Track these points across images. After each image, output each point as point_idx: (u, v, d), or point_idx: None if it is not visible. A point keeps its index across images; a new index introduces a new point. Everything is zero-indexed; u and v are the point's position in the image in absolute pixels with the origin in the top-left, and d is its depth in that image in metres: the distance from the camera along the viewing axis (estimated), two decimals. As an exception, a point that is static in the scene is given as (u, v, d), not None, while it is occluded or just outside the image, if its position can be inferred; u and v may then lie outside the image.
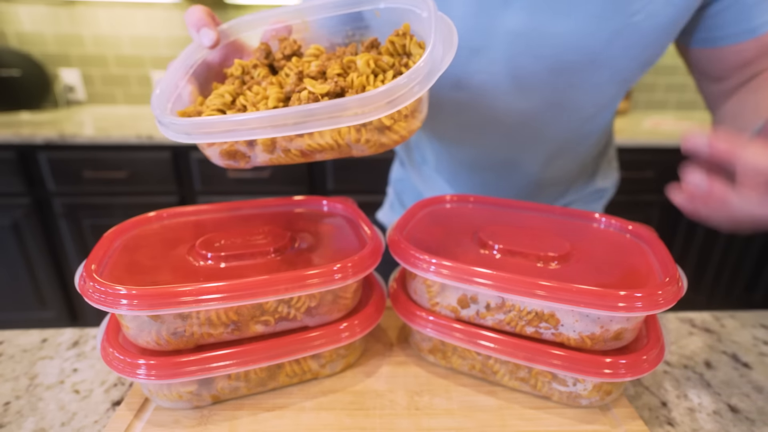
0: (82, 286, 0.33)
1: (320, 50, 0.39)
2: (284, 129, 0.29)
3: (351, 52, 0.38)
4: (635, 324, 0.35)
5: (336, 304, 0.38)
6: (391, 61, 0.35)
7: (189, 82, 0.39)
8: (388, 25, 0.38)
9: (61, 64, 1.82)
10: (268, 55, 0.40)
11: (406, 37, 0.36)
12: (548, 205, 0.49)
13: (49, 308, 1.61)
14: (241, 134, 0.30)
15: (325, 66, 0.36)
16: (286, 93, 0.34)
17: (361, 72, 0.34)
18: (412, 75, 0.29)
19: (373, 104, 0.29)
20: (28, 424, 0.37)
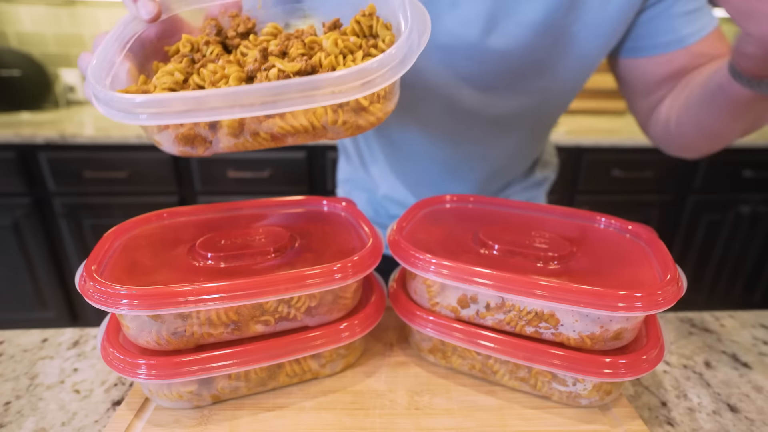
0: (83, 286, 0.33)
1: (278, 29, 0.37)
2: (255, 108, 0.27)
3: (310, 33, 0.36)
4: (635, 324, 0.35)
5: (336, 304, 0.38)
6: (358, 42, 0.34)
7: (126, 58, 0.34)
8: (348, 6, 0.37)
9: (62, 64, 1.82)
10: (220, 32, 0.37)
11: (372, 17, 0.35)
12: (548, 205, 0.49)
13: (50, 308, 1.61)
14: (205, 114, 0.27)
15: (285, 46, 0.34)
16: (247, 72, 0.32)
17: (330, 52, 0.33)
18: (388, 57, 0.28)
19: (349, 83, 0.27)
20: (29, 424, 0.37)
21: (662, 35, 0.48)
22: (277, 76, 0.30)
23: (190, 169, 1.46)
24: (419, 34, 0.30)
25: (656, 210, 1.64)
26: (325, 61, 0.32)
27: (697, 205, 1.63)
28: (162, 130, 0.31)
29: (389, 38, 0.34)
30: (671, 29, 0.48)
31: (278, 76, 0.30)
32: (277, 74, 0.30)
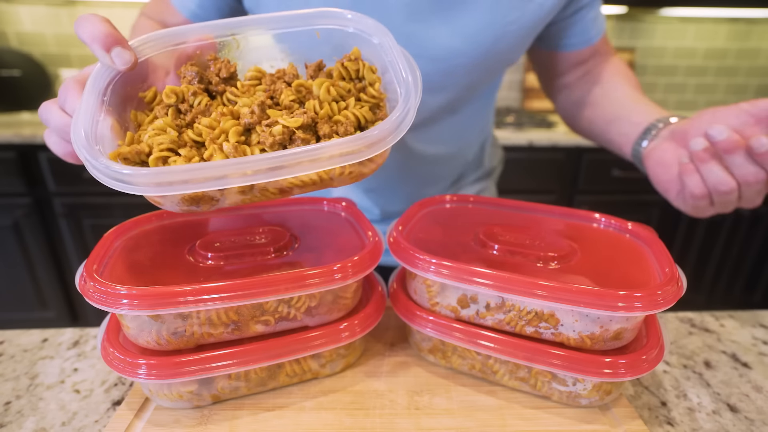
0: (83, 286, 0.33)
1: (261, 72, 0.37)
2: (265, 174, 0.28)
3: (292, 73, 0.37)
4: (635, 324, 0.35)
5: (336, 304, 0.38)
6: (347, 87, 0.35)
7: (107, 113, 0.32)
8: (328, 46, 0.37)
9: (62, 64, 1.82)
10: (202, 78, 0.36)
11: (358, 62, 0.36)
12: (548, 205, 0.49)
13: (50, 308, 1.61)
14: (215, 183, 0.27)
15: (273, 90, 0.35)
16: (245, 125, 0.32)
17: (323, 99, 0.34)
18: (393, 122, 0.29)
19: (355, 148, 0.29)
20: (29, 424, 0.37)
21: (577, 36, 0.62)
22: (282, 132, 0.31)
23: (190, 169, 1.46)
24: (415, 90, 0.31)
25: (656, 210, 1.64)
26: (321, 111, 0.33)
27: (697, 205, 1.63)
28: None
29: (377, 83, 0.36)
30: (583, 31, 0.62)
31: (283, 132, 0.31)
32: (281, 131, 0.31)
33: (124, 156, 0.30)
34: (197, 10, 0.58)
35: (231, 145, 0.30)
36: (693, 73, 2.05)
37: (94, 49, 0.31)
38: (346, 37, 0.37)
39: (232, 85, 0.37)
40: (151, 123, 0.34)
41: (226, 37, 0.37)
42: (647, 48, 1.99)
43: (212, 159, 0.30)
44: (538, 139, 1.49)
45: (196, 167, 0.27)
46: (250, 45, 0.38)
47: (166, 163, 0.30)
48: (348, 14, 0.36)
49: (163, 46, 0.36)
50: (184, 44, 0.36)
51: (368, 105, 0.35)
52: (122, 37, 0.32)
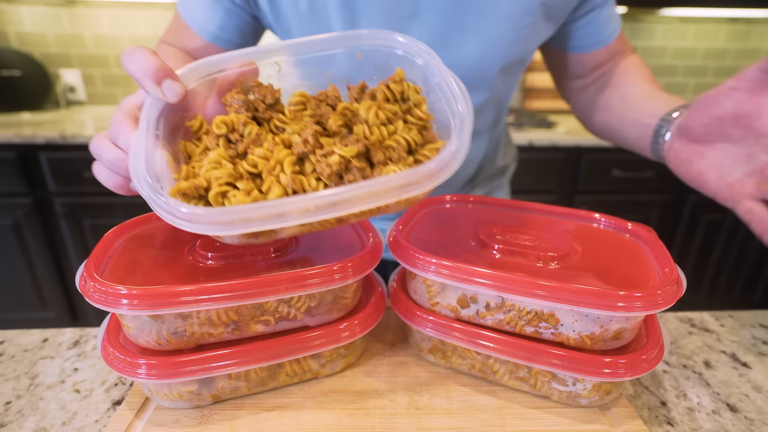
0: (83, 286, 0.33)
1: (306, 97, 0.36)
2: (328, 210, 0.28)
3: (334, 95, 0.37)
4: (634, 324, 0.35)
5: (336, 304, 0.38)
6: (393, 109, 0.35)
7: (161, 147, 0.32)
8: (368, 67, 0.38)
9: (62, 64, 1.82)
10: (249, 106, 0.36)
11: (402, 84, 0.36)
12: (548, 205, 0.49)
13: (50, 308, 1.61)
14: (279, 221, 0.27)
15: (319, 115, 0.35)
16: (298, 154, 0.32)
17: (372, 123, 0.33)
18: (451, 154, 0.29)
19: (414, 180, 0.29)
20: (29, 424, 0.37)
21: (593, 36, 0.61)
22: (339, 163, 0.31)
23: (190, 169, 1.46)
24: (470, 116, 0.32)
25: (656, 210, 1.64)
26: (372, 137, 0.33)
27: (697, 205, 1.63)
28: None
29: (423, 104, 0.35)
30: (599, 31, 0.61)
31: (340, 163, 0.31)
32: (338, 161, 0.31)
33: (183, 192, 0.30)
34: (218, 32, 0.57)
35: (288, 177, 0.30)
36: (693, 73, 2.05)
37: (145, 83, 0.32)
38: (387, 57, 0.37)
39: (277, 110, 0.36)
40: (202, 154, 0.34)
41: (267, 61, 0.37)
42: (647, 48, 1.99)
43: (270, 191, 0.30)
44: (538, 139, 1.49)
45: (258, 206, 0.27)
46: (291, 69, 0.39)
47: (225, 197, 0.30)
48: (394, 35, 0.36)
49: (206, 74, 0.36)
50: (226, 71, 0.36)
51: (416, 127, 0.35)
52: (171, 69, 0.32)
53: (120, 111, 0.33)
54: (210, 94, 0.37)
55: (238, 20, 0.57)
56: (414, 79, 0.36)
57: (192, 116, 0.36)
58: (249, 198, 0.30)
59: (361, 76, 0.38)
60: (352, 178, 0.31)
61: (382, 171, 0.32)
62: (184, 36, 0.59)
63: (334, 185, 0.31)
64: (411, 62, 0.36)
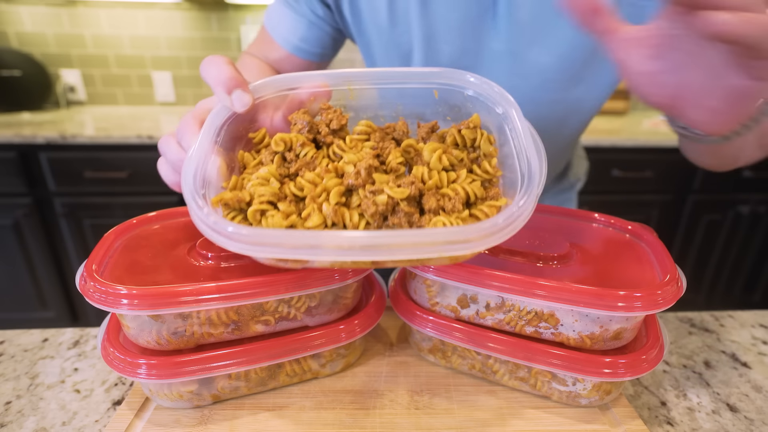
0: (83, 285, 0.33)
1: (372, 127, 0.35)
2: (362, 252, 0.26)
3: (402, 130, 0.35)
4: (634, 324, 0.35)
5: (336, 304, 0.38)
6: (460, 156, 0.33)
7: (217, 153, 0.32)
8: (444, 106, 0.36)
9: (62, 64, 1.82)
10: (311, 128, 0.35)
11: (476, 131, 0.34)
12: (548, 205, 0.49)
13: (50, 308, 1.61)
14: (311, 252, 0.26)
15: (380, 148, 0.33)
16: (347, 186, 0.31)
17: (432, 167, 0.32)
18: (512, 216, 0.27)
19: (464, 238, 0.26)
20: (29, 424, 0.37)
21: None
22: (386, 203, 0.29)
23: (191, 169, 1.46)
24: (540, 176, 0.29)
25: (656, 210, 1.64)
26: (429, 182, 0.31)
27: (697, 205, 1.63)
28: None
29: (494, 158, 0.33)
30: None
31: (387, 203, 0.29)
32: (386, 201, 0.29)
33: (226, 201, 0.30)
34: (300, 44, 0.58)
35: (331, 207, 0.29)
36: (693, 73, 2.05)
37: (217, 91, 0.33)
38: (466, 100, 0.35)
39: (341, 136, 0.35)
40: (256, 167, 0.34)
41: (341, 86, 0.37)
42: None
43: (309, 219, 0.29)
44: (538, 139, 1.49)
45: (291, 234, 0.26)
46: (364, 96, 0.37)
47: (264, 215, 0.30)
48: (472, 77, 0.34)
49: (279, 90, 0.36)
50: (299, 89, 0.36)
51: (480, 180, 0.33)
52: (244, 80, 0.33)
53: (190, 113, 0.34)
54: (280, 109, 0.37)
55: (321, 32, 0.58)
56: (490, 128, 0.34)
57: (257, 128, 0.36)
58: (286, 222, 0.29)
59: (435, 115, 0.37)
60: (396, 222, 0.30)
61: (431, 220, 0.29)
62: (268, 47, 0.60)
63: (376, 225, 0.30)
64: (489, 109, 0.34)
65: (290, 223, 0.29)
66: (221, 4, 1.77)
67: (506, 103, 0.33)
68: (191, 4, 1.77)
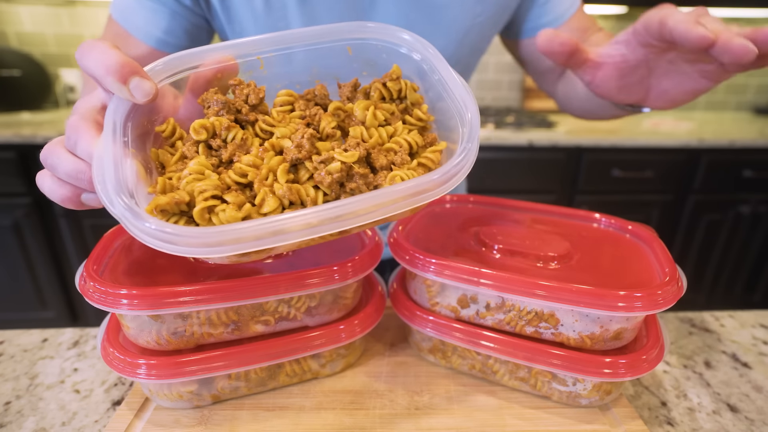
0: (83, 286, 0.33)
1: (293, 96, 0.34)
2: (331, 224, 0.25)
3: (323, 94, 0.34)
4: (635, 324, 0.35)
5: (336, 304, 0.38)
6: (390, 109, 0.33)
7: (130, 156, 0.28)
8: (359, 62, 0.35)
9: (62, 64, 1.82)
10: (230, 108, 0.32)
11: (399, 81, 0.33)
12: (548, 205, 0.49)
13: (50, 308, 1.61)
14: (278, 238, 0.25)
15: (309, 116, 0.32)
16: (291, 161, 0.29)
17: (369, 125, 0.31)
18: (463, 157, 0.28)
19: (423, 189, 0.27)
20: (29, 424, 0.37)
21: (546, 15, 0.59)
22: (340, 170, 0.28)
23: (190, 169, 1.46)
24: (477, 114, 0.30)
25: (656, 210, 1.64)
26: (371, 140, 0.30)
27: (697, 205, 1.63)
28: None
29: (424, 105, 0.33)
30: (549, 10, 0.59)
31: (341, 170, 0.28)
32: (340, 168, 0.28)
33: (162, 208, 0.26)
34: (165, 37, 0.52)
35: (285, 187, 0.28)
36: (693, 73, 2.05)
37: (107, 82, 0.27)
38: (379, 51, 0.34)
39: (262, 111, 0.33)
40: (178, 163, 0.30)
41: (250, 57, 0.33)
42: (647, 48, 1.98)
43: (265, 203, 0.27)
44: (538, 139, 1.49)
45: (253, 224, 0.24)
46: (275, 64, 0.34)
47: (212, 212, 0.27)
48: (383, 27, 0.34)
49: (178, 70, 0.32)
50: (201, 67, 0.32)
51: (416, 128, 0.33)
52: (138, 65, 0.28)
53: (76, 115, 0.28)
54: (180, 94, 0.33)
55: (186, 23, 0.53)
56: (410, 76, 0.34)
57: (162, 120, 0.32)
58: (241, 212, 0.26)
59: (351, 72, 0.35)
60: (354, 186, 0.29)
61: (387, 177, 0.29)
62: (122, 44, 0.52)
63: (334, 194, 0.29)
64: (407, 57, 0.34)
65: (246, 213, 0.27)
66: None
67: (422, 48, 0.33)
68: (191, 4, 1.77)
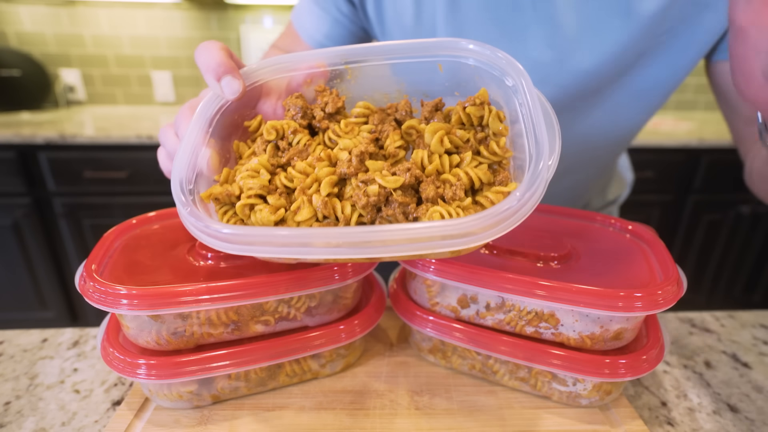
0: (83, 286, 0.33)
1: (370, 109, 0.33)
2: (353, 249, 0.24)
3: (405, 110, 0.33)
4: (635, 324, 0.35)
5: (336, 304, 0.38)
6: (465, 136, 0.30)
7: (208, 144, 0.31)
8: (452, 81, 0.33)
9: (62, 64, 1.82)
10: (306, 113, 0.33)
11: (484, 107, 0.30)
12: (548, 205, 0.49)
13: (50, 308, 1.61)
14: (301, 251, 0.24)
15: (379, 131, 0.31)
16: (340, 174, 0.28)
17: (433, 150, 0.29)
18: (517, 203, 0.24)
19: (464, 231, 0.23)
20: (29, 424, 0.37)
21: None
22: (378, 193, 0.27)
23: (190, 169, 1.46)
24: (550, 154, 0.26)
25: (656, 210, 1.64)
26: (429, 167, 0.28)
27: (697, 205, 1.63)
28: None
29: (503, 138, 0.30)
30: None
31: (379, 194, 0.27)
32: (377, 191, 0.27)
33: (216, 196, 0.29)
34: (324, 41, 0.58)
35: (321, 199, 0.27)
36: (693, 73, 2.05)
37: (206, 77, 0.31)
38: (473, 72, 0.32)
39: (337, 120, 0.33)
40: (249, 158, 0.32)
41: (338, 65, 0.34)
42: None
43: (299, 212, 0.27)
44: (538, 139, 1.49)
45: (276, 233, 0.25)
46: (364, 75, 0.34)
47: (252, 210, 0.28)
48: (471, 44, 0.31)
49: (276, 72, 0.34)
50: (296, 71, 0.34)
51: (487, 163, 0.30)
52: (234, 66, 0.32)
53: (186, 104, 0.33)
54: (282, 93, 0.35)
55: (345, 31, 0.57)
56: (500, 103, 0.31)
57: (254, 116, 0.35)
58: (274, 216, 0.27)
59: (442, 91, 0.33)
60: (390, 213, 0.27)
61: (428, 211, 0.27)
62: (292, 42, 0.60)
63: (369, 218, 0.28)
64: (499, 81, 0.30)
65: (279, 218, 0.27)
66: (221, 4, 1.77)
67: (515, 73, 0.29)
68: (191, 4, 1.77)
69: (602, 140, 0.56)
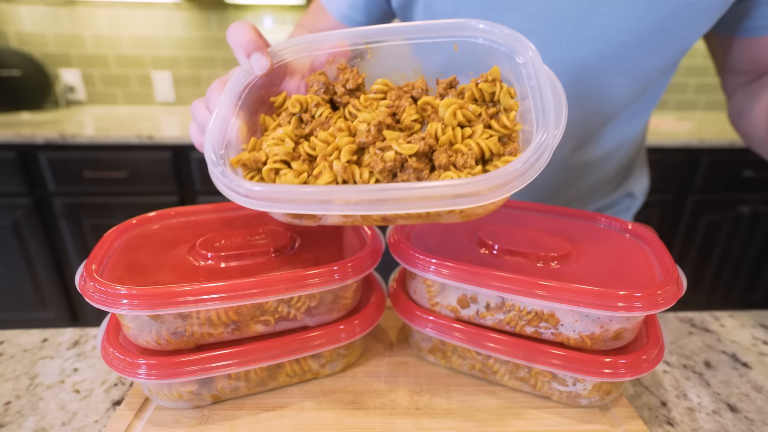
0: (83, 285, 0.33)
1: (388, 86, 0.35)
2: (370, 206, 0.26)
3: (421, 88, 0.35)
4: (635, 324, 0.35)
5: (336, 304, 0.38)
6: (477, 111, 0.32)
7: (237, 116, 0.34)
8: (467, 60, 0.34)
9: (62, 64, 1.82)
10: (328, 88, 0.36)
11: (496, 84, 0.32)
12: (548, 205, 0.49)
13: (50, 308, 1.61)
14: (323, 207, 0.27)
15: (396, 107, 0.33)
16: (359, 143, 0.31)
17: (447, 123, 0.31)
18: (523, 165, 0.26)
19: (473, 190, 0.25)
20: (29, 424, 0.37)
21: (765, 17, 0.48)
22: (394, 159, 0.29)
23: (190, 169, 1.46)
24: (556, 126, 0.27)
25: (656, 210, 1.64)
26: (443, 137, 0.30)
27: (697, 205, 1.63)
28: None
29: (513, 112, 0.32)
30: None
31: (395, 160, 0.29)
32: (393, 157, 0.29)
33: (244, 162, 0.32)
34: (348, 11, 0.58)
35: (341, 165, 0.29)
36: (693, 73, 2.05)
37: (237, 54, 0.34)
38: (486, 51, 0.33)
39: (357, 96, 0.36)
40: (274, 130, 0.35)
41: (359, 45, 0.37)
42: (647, 48, 1.98)
43: (321, 177, 0.30)
44: (538, 139, 1.49)
45: (300, 190, 0.27)
46: (383, 55, 0.37)
47: (277, 174, 0.31)
48: (481, 24, 0.33)
49: (301, 51, 0.37)
50: (320, 51, 0.37)
51: (497, 135, 0.31)
52: (263, 44, 0.34)
53: (218, 79, 0.36)
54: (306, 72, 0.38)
55: (369, 1, 0.57)
56: (511, 80, 0.33)
57: (280, 92, 0.37)
58: (297, 179, 0.30)
59: (457, 70, 0.35)
60: (405, 178, 0.29)
61: (440, 176, 0.29)
62: (319, 17, 0.60)
63: (385, 182, 0.29)
64: (510, 59, 0.32)
65: (302, 182, 0.30)
66: (221, 4, 1.77)
67: (523, 49, 0.31)
68: (191, 4, 1.77)
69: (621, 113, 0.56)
